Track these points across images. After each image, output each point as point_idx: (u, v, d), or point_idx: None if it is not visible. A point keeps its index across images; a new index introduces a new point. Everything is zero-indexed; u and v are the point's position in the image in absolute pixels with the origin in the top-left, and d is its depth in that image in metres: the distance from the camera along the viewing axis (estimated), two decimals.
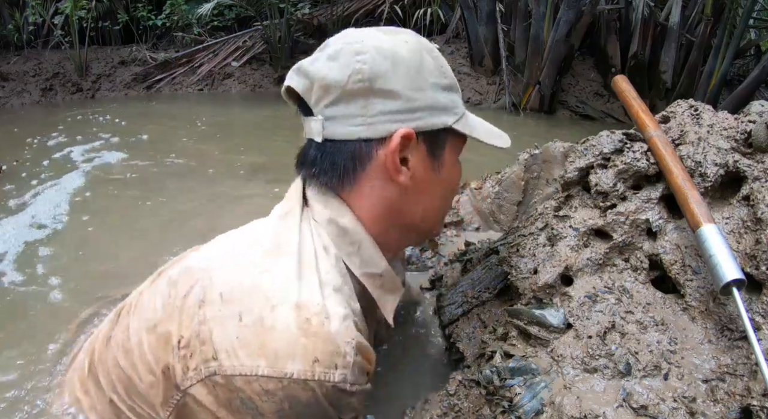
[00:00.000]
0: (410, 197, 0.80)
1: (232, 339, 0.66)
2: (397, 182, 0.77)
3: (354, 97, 0.74)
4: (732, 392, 0.73)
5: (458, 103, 0.82)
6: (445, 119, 0.79)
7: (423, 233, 0.89)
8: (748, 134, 0.94)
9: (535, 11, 4.55)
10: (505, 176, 1.62)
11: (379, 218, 0.80)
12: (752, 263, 0.81)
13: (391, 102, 0.74)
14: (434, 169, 0.81)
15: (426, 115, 0.77)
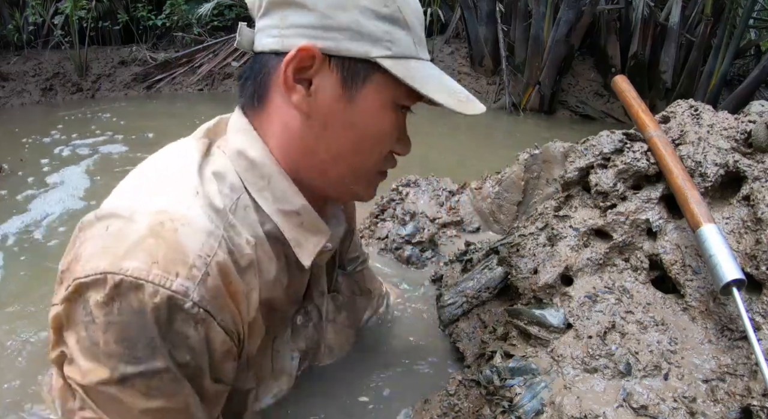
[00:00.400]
0: (311, 127, 0.72)
1: (90, 249, 0.63)
2: (294, 104, 0.71)
3: (275, 8, 0.69)
4: (732, 392, 0.73)
5: (397, 39, 0.70)
6: (368, 48, 0.69)
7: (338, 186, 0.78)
8: (748, 134, 0.94)
9: (535, 11, 4.55)
10: (505, 176, 1.62)
11: (286, 149, 0.74)
12: (752, 263, 0.81)
13: (305, 15, 0.68)
14: (344, 103, 0.71)
15: (342, 38, 0.68)
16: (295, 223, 0.75)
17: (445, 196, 1.73)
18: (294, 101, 0.70)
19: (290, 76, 0.69)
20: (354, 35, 0.68)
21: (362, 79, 0.71)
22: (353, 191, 0.79)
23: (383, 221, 1.66)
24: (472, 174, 1.83)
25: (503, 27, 4.85)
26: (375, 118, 0.73)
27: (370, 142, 0.75)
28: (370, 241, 1.63)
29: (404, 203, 1.70)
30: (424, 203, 1.70)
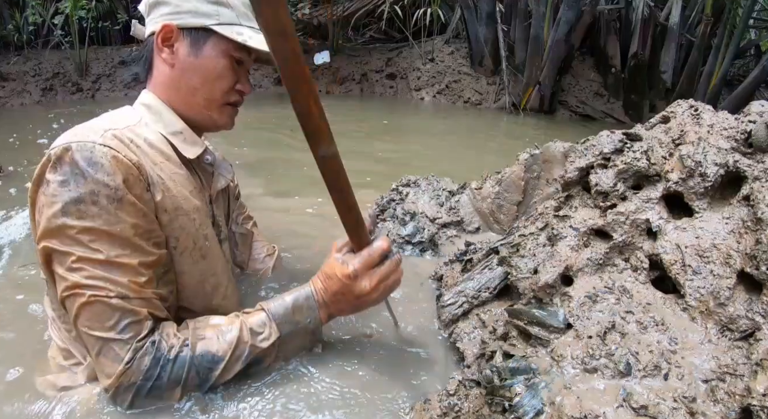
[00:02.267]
0: (175, 73, 1.08)
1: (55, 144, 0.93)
2: (164, 61, 1.08)
3: (151, 8, 1.08)
4: (732, 392, 0.73)
5: (223, 13, 1.09)
6: (204, 20, 1.07)
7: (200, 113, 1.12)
8: (748, 134, 0.94)
9: (535, 11, 4.55)
10: (505, 176, 1.62)
11: (163, 90, 1.10)
12: (752, 263, 0.81)
13: (166, 7, 1.07)
14: (193, 55, 1.08)
15: (188, 17, 1.06)
16: (180, 139, 1.09)
17: (445, 196, 1.73)
18: (164, 58, 1.08)
19: (159, 43, 1.07)
20: (194, 15, 1.07)
21: (203, 40, 1.08)
22: (211, 117, 1.13)
23: (383, 221, 1.66)
24: (472, 174, 1.83)
25: (503, 27, 4.86)
26: (214, 63, 1.09)
27: (212, 78, 1.10)
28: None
29: (404, 203, 1.70)
30: (424, 203, 1.70)
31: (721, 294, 0.83)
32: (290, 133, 3.69)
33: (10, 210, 2.02)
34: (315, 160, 0.85)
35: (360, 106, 5.07)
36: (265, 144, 3.38)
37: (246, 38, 1.07)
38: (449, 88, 5.35)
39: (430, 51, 5.55)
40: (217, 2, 1.09)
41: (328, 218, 1.84)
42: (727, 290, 0.83)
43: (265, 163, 2.93)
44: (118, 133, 0.97)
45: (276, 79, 5.48)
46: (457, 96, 5.28)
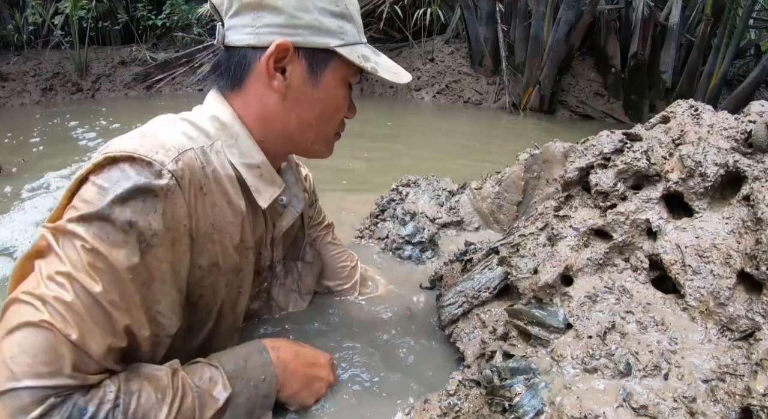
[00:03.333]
0: (286, 105, 0.89)
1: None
2: (273, 88, 0.88)
3: (248, 10, 0.85)
4: (732, 392, 0.73)
5: (347, 31, 0.90)
6: (327, 40, 0.87)
7: (305, 147, 0.97)
8: (748, 134, 0.94)
9: (535, 11, 4.55)
10: (505, 176, 1.62)
11: (259, 119, 0.91)
12: (752, 263, 0.81)
13: (277, 16, 0.85)
14: (311, 84, 0.89)
15: (308, 33, 0.86)
16: (256, 174, 0.91)
17: (445, 196, 1.73)
18: (274, 86, 0.87)
19: (271, 66, 0.86)
20: (316, 31, 0.86)
21: (324, 64, 0.89)
22: (317, 150, 0.98)
23: (383, 221, 1.66)
24: (472, 174, 1.83)
25: (503, 27, 4.86)
26: (334, 93, 0.92)
27: (331, 112, 0.94)
28: (370, 241, 1.63)
29: (404, 203, 1.70)
30: (424, 203, 1.70)
31: (721, 294, 0.83)
32: None
33: (9, 210, 2.02)
34: None
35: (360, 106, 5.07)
36: None
37: (374, 66, 0.90)
38: (449, 88, 5.35)
39: (430, 51, 5.55)
40: (342, 15, 0.89)
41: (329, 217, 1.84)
42: (727, 290, 0.83)
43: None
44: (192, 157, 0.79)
45: None
46: (457, 96, 5.28)
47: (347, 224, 1.77)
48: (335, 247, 1.32)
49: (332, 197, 2.19)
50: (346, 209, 1.94)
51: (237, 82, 0.89)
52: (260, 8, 0.84)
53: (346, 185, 2.49)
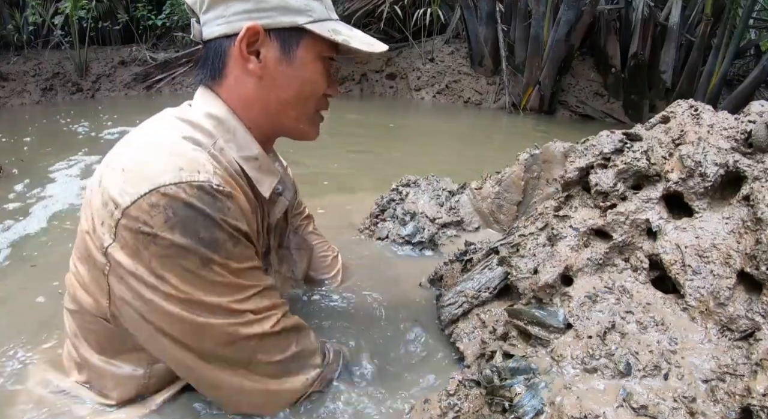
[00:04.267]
0: (265, 85, 0.92)
1: (121, 184, 0.78)
2: (250, 72, 0.90)
3: (218, 2, 0.88)
4: (732, 392, 0.73)
5: (315, 8, 0.92)
6: (296, 18, 0.89)
7: (289, 127, 0.99)
8: (748, 134, 0.94)
9: (535, 11, 4.55)
10: (505, 176, 1.62)
11: (245, 106, 0.93)
12: (752, 263, 0.81)
13: (245, 3, 0.87)
14: (286, 63, 0.91)
15: (276, 14, 0.88)
16: (255, 166, 0.94)
17: (445, 196, 1.73)
18: (250, 69, 0.90)
19: (244, 50, 0.88)
20: (283, 11, 0.88)
21: (296, 42, 0.91)
22: (302, 130, 0.99)
23: (383, 221, 1.66)
24: (472, 174, 1.83)
25: (503, 27, 4.86)
26: (309, 69, 0.93)
27: (308, 88, 0.95)
28: (370, 241, 1.63)
29: (404, 203, 1.70)
30: (424, 203, 1.70)
31: (721, 294, 0.83)
32: None
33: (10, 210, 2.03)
34: None
35: (360, 106, 5.07)
36: None
37: (346, 38, 0.92)
38: (449, 88, 5.35)
39: (430, 51, 5.55)
40: None
41: (330, 217, 1.84)
42: (727, 290, 0.83)
43: None
44: (216, 165, 0.84)
45: None
46: (457, 96, 5.28)
47: (347, 223, 1.77)
48: (317, 237, 1.36)
49: (332, 197, 2.19)
50: (346, 209, 1.94)
51: (218, 73, 0.92)
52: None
53: (346, 185, 2.49)
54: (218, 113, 0.91)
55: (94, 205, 0.80)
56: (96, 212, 0.79)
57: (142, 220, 0.76)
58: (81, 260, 0.85)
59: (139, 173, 0.77)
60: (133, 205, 0.75)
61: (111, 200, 0.77)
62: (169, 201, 0.76)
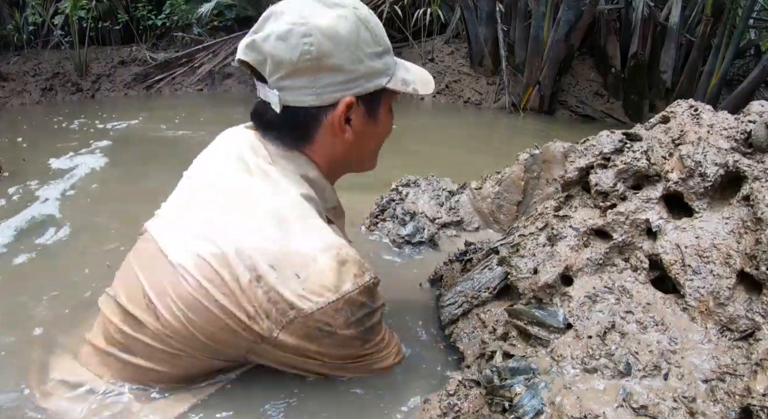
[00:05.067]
0: (353, 146, 0.99)
1: (300, 291, 0.85)
2: (342, 139, 0.96)
3: (304, 73, 0.89)
4: (732, 392, 0.73)
5: (390, 63, 0.97)
6: (380, 81, 0.95)
7: (360, 168, 1.11)
8: (748, 134, 0.94)
9: (535, 11, 4.55)
10: (505, 176, 1.62)
11: (331, 164, 1.01)
12: (752, 263, 0.81)
13: (336, 75, 0.90)
14: (372, 122, 0.99)
15: (364, 81, 0.93)
16: (333, 213, 1.08)
17: (445, 196, 1.73)
18: (346, 138, 0.96)
19: (342, 123, 0.94)
20: (370, 77, 0.93)
21: (378, 101, 0.98)
22: (369, 167, 1.12)
23: (383, 221, 1.66)
24: (472, 174, 1.82)
25: (503, 27, 4.86)
26: (385, 120, 1.02)
27: (385, 136, 1.05)
28: (370, 241, 1.63)
29: (404, 203, 1.70)
30: (424, 203, 1.70)
31: (721, 294, 0.83)
32: None
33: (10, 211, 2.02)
34: None
35: None
36: None
37: (414, 86, 0.98)
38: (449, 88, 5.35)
39: (430, 51, 5.55)
40: (385, 51, 0.95)
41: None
42: (727, 290, 0.83)
43: None
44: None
45: None
46: (457, 96, 5.28)
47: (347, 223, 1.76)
48: None
49: None
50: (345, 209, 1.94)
51: (306, 138, 0.97)
52: (318, 71, 0.89)
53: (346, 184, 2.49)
54: (312, 175, 0.99)
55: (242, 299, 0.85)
56: (251, 299, 0.85)
57: (324, 322, 0.86)
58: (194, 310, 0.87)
59: (320, 284, 0.86)
60: (318, 311, 0.85)
61: (284, 300, 0.85)
62: (350, 306, 0.87)
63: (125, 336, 0.93)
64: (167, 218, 1.00)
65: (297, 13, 0.89)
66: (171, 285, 0.88)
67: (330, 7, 0.91)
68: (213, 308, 0.85)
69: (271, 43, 0.87)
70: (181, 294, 0.87)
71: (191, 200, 0.99)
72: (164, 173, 2.64)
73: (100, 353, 0.98)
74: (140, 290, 0.91)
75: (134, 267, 0.95)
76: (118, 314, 0.94)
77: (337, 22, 0.89)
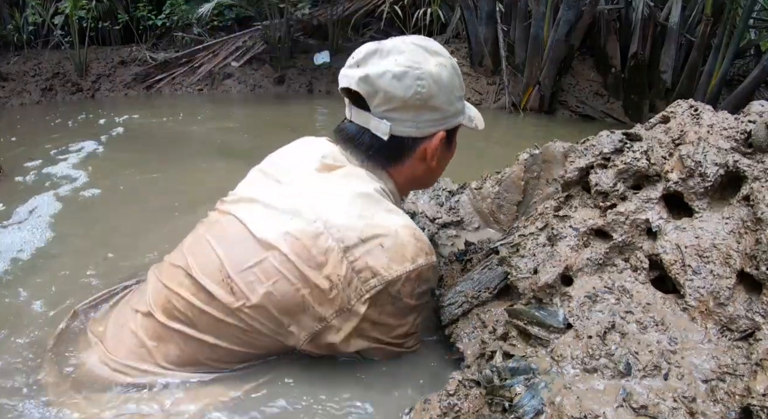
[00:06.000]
0: (432, 170, 1.16)
1: (383, 260, 0.96)
2: (427, 164, 1.14)
3: (410, 109, 1.05)
4: (732, 392, 0.73)
5: (466, 105, 1.18)
6: (460, 118, 1.14)
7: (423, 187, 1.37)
8: (748, 134, 0.94)
9: (535, 11, 4.55)
10: (505, 176, 1.62)
11: (407, 184, 1.18)
12: (752, 263, 0.81)
13: (435, 114, 1.08)
14: (448, 151, 1.18)
15: (452, 118, 1.12)
16: None
17: (445, 196, 1.73)
18: (432, 165, 1.14)
19: (434, 152, 1.12)
20: (456, 115, 1.13)
21: (454, 133, 1.17)
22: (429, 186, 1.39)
23: None
24: (472, 174, 1.82)
25: (503, 27, 4.86)
26: (455, 150, 1.21)
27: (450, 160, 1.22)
28: None
29: (404, 203, 1.70)
30: (424, 203, 1.70)
31: (721, 294, 0.83)
32: (289, 131, 3.69)
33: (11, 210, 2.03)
34: None
35: None
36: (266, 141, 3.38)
37: (478, 124, 1.19)
38: None
39: None
40: (464, 94, 1.14)
41: None
42: (727, 290, 0.83)
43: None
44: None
45: (275, 79, 5.48)
46: None
47: None
48: None
49: None
50: None
51: (396, 161, 1.12)
52: (423, 109, 1.05)
53: None
54: (390, 188, 1.13)
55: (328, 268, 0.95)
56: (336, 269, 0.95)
57: (397, 289, 0.98)
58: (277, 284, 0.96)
59: (401, 255, 0.98)
60: (396, 278, 0.97)
61: (368, 268, 0.96)
62: (418, 278, 1.00)
63: (193, 308, 0.99)
64: (250, 200, 1.08)
65: (409, 57, 1.03)
66: (256, 261, 0.97)
67: (432, 54, 1.07)
68: (296, 281, 0.95)
69: (387, 81, 1.02)
70: (266, 269, 0.96)
71: (273, 188, 1.09)
72: (164, 172, 2.64)
73: (160, 327, 1.02)
74: (217, 265, 0.99)
75: (210, 243, 1.03)
76: (188, 286, 1.01)
77: (441, 69, 1.06)
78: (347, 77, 1.06)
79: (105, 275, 1.48)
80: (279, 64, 5.47)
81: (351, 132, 1.11)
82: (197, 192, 2.26)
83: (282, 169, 1.14)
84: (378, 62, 1.03)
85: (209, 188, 2.32)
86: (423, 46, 1.07)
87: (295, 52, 5.57)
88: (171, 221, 1.93)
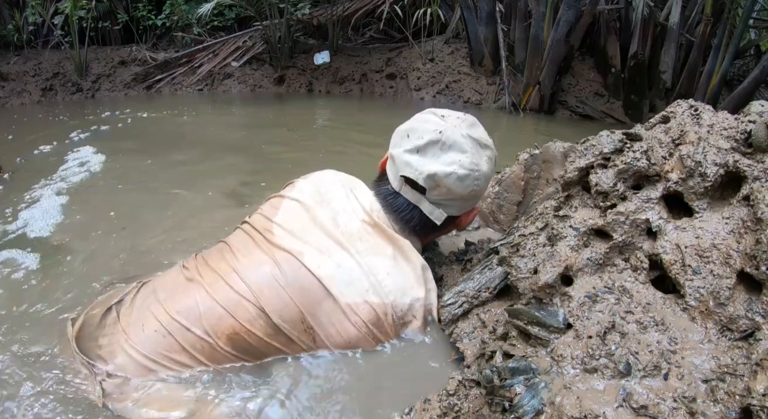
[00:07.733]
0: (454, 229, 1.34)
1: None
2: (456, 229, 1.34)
3: (462, 200, 1.19)
4: (732, 392, 0.73)
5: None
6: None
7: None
8: (748, 134, 0.94)
9: (535, 11, 4.55)
10: (505, 176, 1.62)
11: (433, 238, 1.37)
12: (752, 263, 0.81)
13: (472, 201, 1.22)
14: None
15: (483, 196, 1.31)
16: None
17: None
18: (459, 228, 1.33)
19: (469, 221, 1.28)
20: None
21: None
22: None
23: None
24: None
25: (503, 27, 4.86)
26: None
27: None
28: None
29: None
30: None
31: (721, 294, 0.83)
32: (288, 131, 3.69)
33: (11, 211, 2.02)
34: None
35: (359, 106, 5.08)
36: (265, 141, 3.38)
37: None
38: (449, 88, 5.35)
39: (430, 51, 5.55)
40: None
41: None
42: (727, 290, 0.83)
43: (265, 159, 2.93)
44: None
45: (275, 79, 5.48)
46: (457, 96, 5.28)
47: None
48: None
49: None
50: None
51: (435, 231, 1.25)
52: (473, 199, 1.21)
53: None
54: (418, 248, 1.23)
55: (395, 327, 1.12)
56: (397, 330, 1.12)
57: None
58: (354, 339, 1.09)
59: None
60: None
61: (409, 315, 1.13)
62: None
63: (269, 346, 1.06)
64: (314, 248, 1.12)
65: (471, 159, 1.14)
66: (338, 322, 1.07)
67: (483, 148, 1.17)
68: (370, 339, 1.09)
69: (452, 181, 1.13)
70: (347, 329, 1.07)
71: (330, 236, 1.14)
72: (165, 171, 2.64)
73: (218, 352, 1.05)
74: (297, 315, 1.06)
75: (287, 292, 1.07)
76: (263, 328, 1.05)
77: (490, 165, 1.19)
78: (410, 167, 1.15)
79: (112, 272, 1.48)
80: (279, 64, 5.47)
81: (399, 205, 1.20)
82: (197, 192, 2.26)
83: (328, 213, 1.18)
84: (440, 156, 1.13)
85: (209, 187, 2.32)
86: (476, 139, 1.15)
87: (295, 52, 5.57)
88: (171, 221, 1.93)
